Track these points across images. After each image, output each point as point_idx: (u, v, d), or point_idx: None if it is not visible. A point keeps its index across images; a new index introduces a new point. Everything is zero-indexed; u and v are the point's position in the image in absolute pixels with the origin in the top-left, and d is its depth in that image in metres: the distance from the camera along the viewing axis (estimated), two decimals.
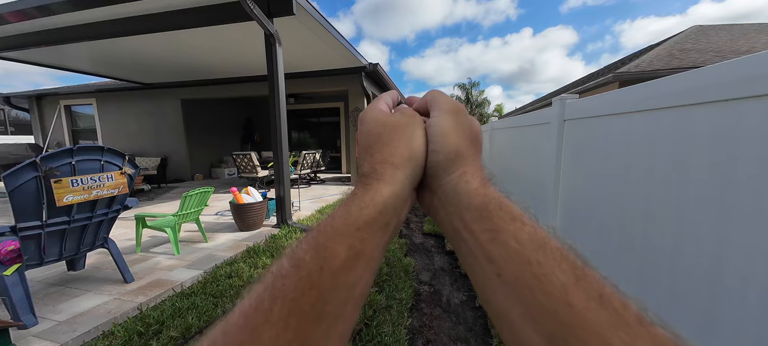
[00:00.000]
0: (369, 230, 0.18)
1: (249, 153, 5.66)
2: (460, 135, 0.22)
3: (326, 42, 4.56)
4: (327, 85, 6.80)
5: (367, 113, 0.25)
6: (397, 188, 0.20)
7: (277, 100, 3.27)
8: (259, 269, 2.36)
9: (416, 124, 0.24)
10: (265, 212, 3.48)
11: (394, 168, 0.21)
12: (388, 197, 0.20)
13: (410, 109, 0.26)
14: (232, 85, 7.24)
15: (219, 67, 6.03)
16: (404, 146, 0.22)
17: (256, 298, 0.15)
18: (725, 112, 0.81)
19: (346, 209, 0.19)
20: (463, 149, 0.22)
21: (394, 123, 0.24)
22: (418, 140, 0.23)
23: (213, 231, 3.39)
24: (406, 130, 0.23)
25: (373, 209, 0.19)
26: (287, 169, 3.45)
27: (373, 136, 0.24)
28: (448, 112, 0.23)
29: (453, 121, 0.23)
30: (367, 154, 0.23)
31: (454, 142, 0.22)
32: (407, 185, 0.21)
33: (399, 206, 0.21)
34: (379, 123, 0.24)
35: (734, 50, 7.10)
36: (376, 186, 0.20)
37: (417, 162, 0.22)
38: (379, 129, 0.24)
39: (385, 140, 0.23)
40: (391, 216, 0.20)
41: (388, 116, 0.25)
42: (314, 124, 10.88)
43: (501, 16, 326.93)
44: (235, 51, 5.02)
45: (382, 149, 0.22)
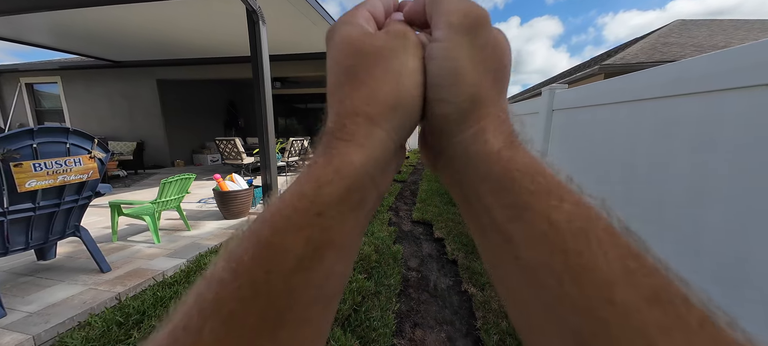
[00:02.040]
0: (334, 213, 0.13)
1: (233, 139, 5.45)
2: (480, 70, 0.15)
3: (314, 21, 4.36)
4: (315, 70, 6.57)
5: (337, 30, 0.17)
6: (373, 152, 0.14)
7: (262, 84, 3.13)
8: None
9: (408, 49, 0.16)
10: (251, 200, 3.40)
11: (371, 122, 0.14)
12: (360, 166, 0.14)
13: (401, 25, 0.17)
14: (214, 65, 6.86)
15: (199, 45, 5.67)
16: (388, 87, 0.15)
17: (184, 313, 0.11)
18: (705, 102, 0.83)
19: (299, 187, 0.13)
20: (482, 93, 0.15)
21: (373, 49, 0.15)
22: (411, 78, 0.15)
23: (196, 219, 3.28)
24: (393, 61, 0.15)
25: (340, 184, 0.13)
26: (274, 156, 3.35)
27: (342, 70, 0.16)
28: (462, 31, 0.15)
29: (469, 46, 0.15)
30: (335, 100, 0.16)
31: (472, 83, 0.15)
32: (390, 145, 0.15)
33: (377, 175, 0.15)
34: (353, 49, 0.16)
35: (713, 45, 7.40)
36: (343, 150, 0.14)
37: (407, 111, 0.15)
38: (351, 59, 0.15)
39: (360, 77, 0.15)
40: (366, 190, 0.14)
41: (367, 37, 0.16)
42: (302, 110, 10.59)
43: (489, 3, 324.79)
44: (216, 28, 4.72)
45: (355, 92, 0.15)
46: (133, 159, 6.62)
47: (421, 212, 3.56)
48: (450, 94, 0.15)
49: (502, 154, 0.14)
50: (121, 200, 2.74)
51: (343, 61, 0.16)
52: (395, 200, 4.41)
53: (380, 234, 2.86)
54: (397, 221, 3.47)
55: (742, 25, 8.98)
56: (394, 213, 3.75)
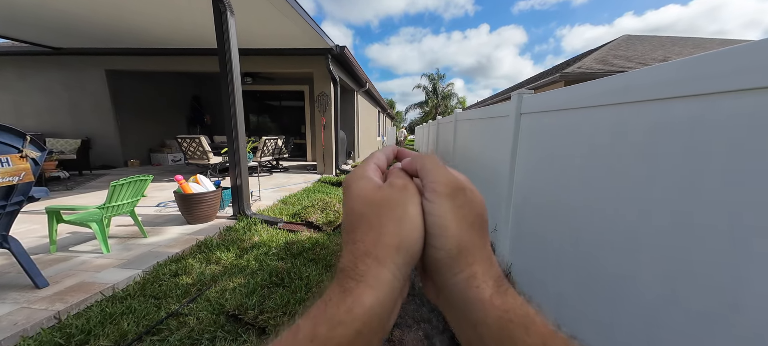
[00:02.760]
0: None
1: (198, 137, 5.05)
2: (462, 225, 0.18)
3: (287, 16, 4.20)
4: (289, 66, 6.34)
5: (351, 183, 0.20)
6: (382, 293, 0.16)
7: (231, 79, 2.94)
8: (212, 265, 2.16)
9: (408, 199, 0.19)
10: (218, 203, 3.17)
11: (379, 264, 0.17)
12: (370, 308, 0.15)
13: (403, 176, 0.21)
14: (176, 57, 6.31)
15: (158, 34, 5.18)
16: (392, 232, 0.18)
17: None
18: (636, 111, 0.94)
19: (313, 327, 0.15)
20: (467, 243, 0.18)
21: (380, 200, 0.19)
22: (411, 223, 0.18)
23: (155, 225, 2.99)
24: (396, 209, 0.18)
25: (350, 326, 0.15)
26: (244, 156, 3.16)
27: (356, 216, 0.19)
28: (444, 196, 0.19)
29: (451, 206, 0.18)
30: (349, 240, 0.18)
31: (455, 235, 0.18)
32: (396, 286, 0.17)
33: (385, 317, 0.17)
34: (364, 199, 0.19)
35: (654, 59, 8.39)
36: (356, 290, 0.16)
37: (409, 252, 0.18)
38: (363, 207, 0.19)
39: (370, 223, 0.18)
40: (374, 332, 0.16)
41: (376, 190, 0.20)
42: (276, 108, 10.15)
43: (460, 11, 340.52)
44: (178, 16, 4.35)
45: (366, 236, 0.18)
46: (78, 159, 5.86)
47: None
48: (440, 243, 0.18)
49: (495, 301, 0.17)
50: (61, 205, 2.40)
51: (358, 209, 0.19)
52: None
53: None
54: None
55: (678, 41, 10.32)
56: None
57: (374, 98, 12.24)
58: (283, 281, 1.90)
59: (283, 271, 1.99)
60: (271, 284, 1.88)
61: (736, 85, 0.68)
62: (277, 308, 1.62)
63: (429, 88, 32.50)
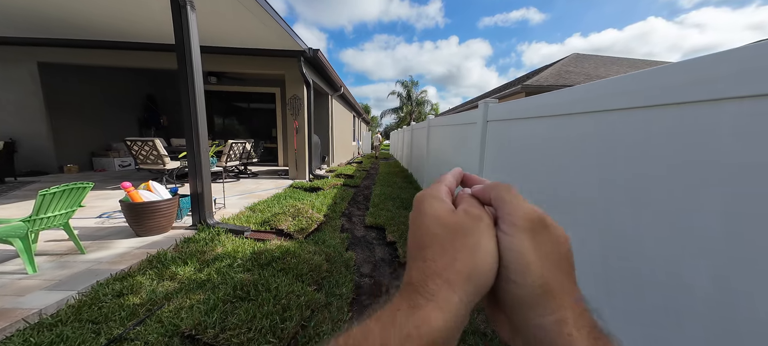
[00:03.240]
0: None
1: (152, 140, 4.59)
2: (545, 264, 0.17)
3: (257, 15, 4.03)
4: (259, 67, 6.06)
5: (424, 201, 0.21)
6: (450, 317, 0.16)
7: (191, 78, 2.72)
8: (166, 282, 1.95)
9: (483, 230, 0.18)
10: (175, 212, 2.89)
11: (450, 288, 0.17)
12: (439, 330, 0.16)
13: (476, 205, 0.20)
14: (128, 51, 5.71)
15: (104, 25, 4.65)
16: (465, 259, 0.17)
17: None
18: (582, 121, 1.05)
19: (384, 333, 0.15)
20: (552, 284, 0.17)
21: (455, 225, 0.19)
22: (485, 254, 0.18)
23: (96, 239, 2.64)
24: (469, 238, 0.18)
25: (417, 343, 0.15)
26: (206, 161, 2.94)
27: (429, 236, 0.19)
28: (524, 230, 0.18)
29: (532, 242, 0.17)
30: (419, 257, 0.18)
31: (538, 273, 0.17)
32: (462, 311, 0.17)
33: (450, 341, 0.16)
34: (439, 221, 0.19)
35: (598, 75, 9.48)
36: (425, 309, 0.16)
37: (479, 283, 0.17)
38: (437, 229, 0.19)
39: (442, 246, 0.18)
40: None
41: (450, 214, 0.20)
42: (244, 110, 9.64)
43: (431, 22, 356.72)
44: (130, 7, 3.95)
45: (438, 257, 0.18)
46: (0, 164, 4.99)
47: (374, 216, 3.57)
48: (521, 279, 0.17)
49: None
50: None
51: (432, 229, 0.19)
52: (348, 205, 4.34)
53: (332, 241, 2.76)
54: (350, 227, 3.40)
55: (616, 61, 11.78)
56: (347, 219, 3.67)
57: (349, 103, 12.18)
58: (249, 295, 1.77)
59: (249, 283, 1.86)
60: (235, 298, 1.74)
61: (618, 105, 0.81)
62: (242, 325, 1.50)
63: (403, 94, 33.22)
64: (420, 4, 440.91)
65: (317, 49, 5.72)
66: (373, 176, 7.53)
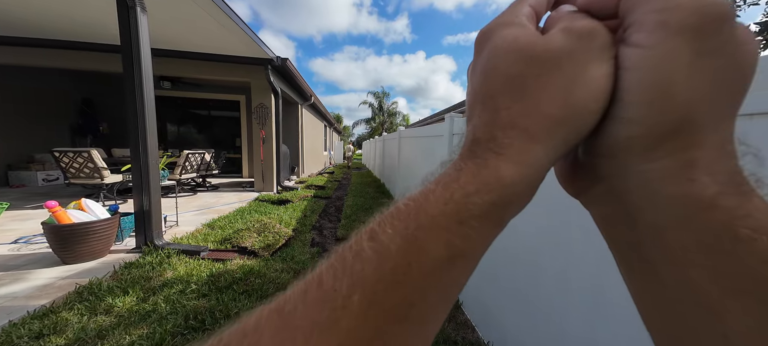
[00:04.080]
0: (475, 224, 0.12)
1: (86, 150, 4.01)
2: (701, 87, 0.11)
3: (217, 19, 3.82)
4: (222, 73, 5.71)
5: (496, 32, 0.14)
6: (527, 171, 0.12)
7: (139, 82, 2.46)
8: (100, 316, 1.67)
9: (594, 53, 0.12)
10: (114, 233, 2.53)
11: (529, 138, 0.12)
12: (511, 183, 0.12)
13: (587, 20, 0.13)
14: (59, 50, 5.00)
15: (29, 20, 4.03)
16: (556, 99, 0.12)
17: (331, 275, 0.12)
18: None
19: (447, 191, 0.12)
20: (698, 117, 0.11)
21: (545, 53, 0.13)
22: (590, 88, 0.12)
23: (9, 269, 2.19)
24: (569, 67, 0.12)
25: (486, 197, 0.12)
26: (155, 173, 2.64)
27: (506, 79, 0.13)
28: (687, 31, 0.11)
29: (692, 56, 0.11)
30: (487, 107, 0.14)
31: (681, 103, 0.11)
32: (546, 164, 0.13)
33: (525, 196, 0.13)
34: (523, 55, 0.13)
35: None
36: (493, 163, 0.12)
37: (576, 128, 0.13)
38: (519, 66, 0.13)
39: (523, 86, 0.13)
40: (511, 209, 0.13)
41: (537, 39, 0.13)
42: (204, 117, 8.97)
43: (399, 37, 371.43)
44: (65, 4, 3.48)
45: (517, 103, 0.13)
46: None
47: (347, 228, 3.49)
48: (645, 116, 0.11)
49: (721, 201, 0.10)
50: None
51: (508, 68, 0.13)
52: (319, 217, 4.19)
53: (301, 257, 2.63)
54: (322, 240, 3.28)
55: None
56: (318, 232, 3.54)
57: (320, 112, 11.98)
58: (204, 324, 1.60)
59: (204, 311, 1.68)
60: (186, 329, 1.55)
61: None
62: None
63: (375, 105, 33.69)
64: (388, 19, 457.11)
65: (286, 59, 5.58)
66: (346, 187, 7.42)
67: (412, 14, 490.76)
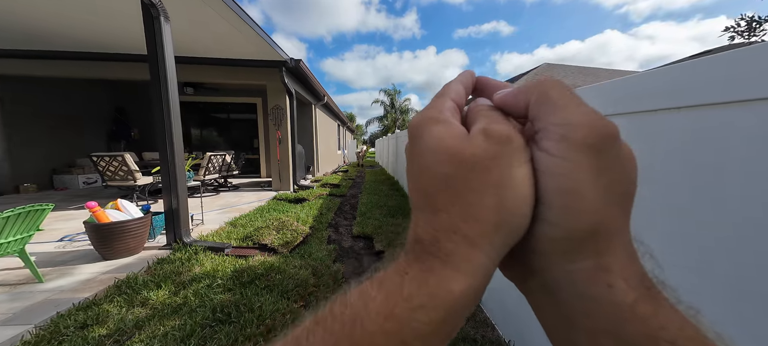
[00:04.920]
0: (427, 342, 0.12)
1: (121, 154, 4.31)
2: (603, 196, 0.12)
3: (235, 26, 3.96)
4: (239, 77, 5.93)
5: (423, 128, 0.15)
6: (474, 280, 0.12)
7: (165, 89, 2.61)
8: (137, 308, 1.81)
9: (514, 158, 0.13)
10: (147, 231, 2.71)
11: (470, 245, 0.13)
12: (460, 297, 0.12)
13: (501, 120, 0.14)
14: (94, 62, 5.39)
15: (68, 35, 4.38)
16: (489, 205, 0.13)
17: None
18: None
19: (389, 302, 0.12)
20: (606, 223, 0.12)
21: (471, 158, 0.13)
22: (518, 192, 0.13)
23: (56, 265, 2.41)
24: (494, 172, 0.13)
25: (433, 315, 0.12)
26: (182, 175, 2.80)
27: (436, 179, 0.14)
28: (584, 147, 0.12)
29: (592, 167, 0.12)
30: (426, 206, 0.14)
31: (592, 209, 0.12)
32: (491, 269, 0.13)
33: (471, 306, 0.13)
34: (448, 156, 0.14)
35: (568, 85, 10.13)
36: (440, 272, 0.12)
37: (512, 230, 0.13)
38: (446, 167, 0.13)
39: (457, 189, 0.13)
40: (457, 323, 0.13)
41: (462, 142, 0.14)
42: (224, 121, 9.34)
43: (408, 33, 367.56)
44: (97, 15, 3.75)
45: (452, 206, 0.13)
46: None
47: (362, 226, 3.53)
48: (563, 219, 0.12)
49: (640, 310, 0.11)
50: None
51: (437, 168, 0.14)
52: (334, 215, 4.27)
53: (319, 254, 2.69)
54: (337, 238, 3.34)
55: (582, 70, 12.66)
56: (334, 230, 3.61)
57: (333, 112, 12.14)
58: (229, 317, 1.68)
59: (230, 304, 1.76)
60: (214, 321, 1.64)
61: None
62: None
63: (387, 102, 33.62)
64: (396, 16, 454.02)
65: (299, 60, 5.69)
66: (360, 185, 7.49)
67: (420, 9, 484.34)
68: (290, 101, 6.08)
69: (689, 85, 0.67)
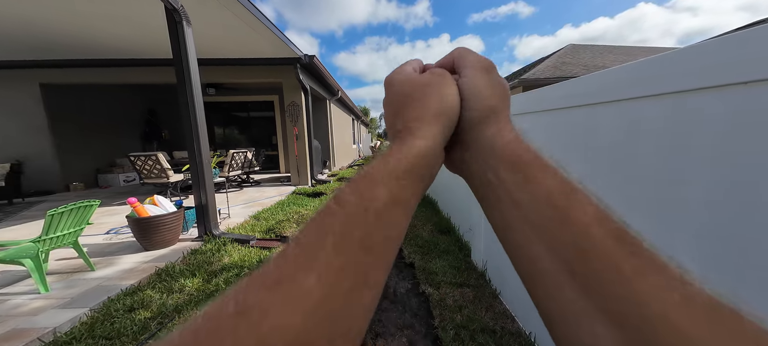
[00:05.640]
0: (406, 178, 0.19)
1: (155, 154, 4.64)
2: (493, 92, 0.23)
3: (251, 26, 4.07)
4: (257, 76, 6.11)
5: (395, 75, 0.26)
6: (430, 142, 0.21)
7: (190, 91, 2.76)
8: (175, 294, 1.97)
9: (447, 81, 0.23)
10: (180, 225, 2.93)
11: (427, 123, 0.22)
12: (422, 149, 0.20)
13: (439, 69, 0.25)
14: (127, 68, 5.79)
15: (105, 43, 4.72)
16: (436, 103, 0.22)
17: (308, 233, 0.16)
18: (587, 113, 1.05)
19: (384, 160, 0.20)
20: (497, 106, 0.23)
21: (424, 81, 0.24)
22: (451, 97, 0.23)
23: (105, 255, 2.67)
24: (438, 87, 0.23)
25: (411, 159, 0.20)
26: (209, 172, 2.97)
27: (404, 96, 0.24)
28: (481, 70, 0.23)
29: (486, 79, 0.23)
30: (399, 114, 0.24)
31: (488, 99, 0.23)
32: (440, 140, 0.22)
33: (432, 160, 0.21)
34: (409, 82, 0.24)
35: (595, 66, 9.41)
36: (410, 141, 0.21)
37: (449, 118, 0.22)
38: (409, 88, 0.24)
39: (417, 98, 0.23)
40: (426, 168, 0.21)
41: (418, 76, 0.25)
42: (244, 119, 9.71)
43: (420, 22, 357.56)
44: (128, 24, 4.01)
45: (414, 107, 0.23)
46: (6, 185, 5.08)
47: None
48: (476, 105, 0.23)
49: (513, 145, 0.21)
50: None
51: (404, 89, 0.24)
52: None
53: None
54: None
55: (613, 49, 11.71)
56: None
57: (347, 106, 12.22)
58: None
59: None
60: None
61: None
62: None
63: None
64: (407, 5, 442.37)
65: (313, 56, 5.76)
66: None
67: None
68: (305, 97, 6.20)
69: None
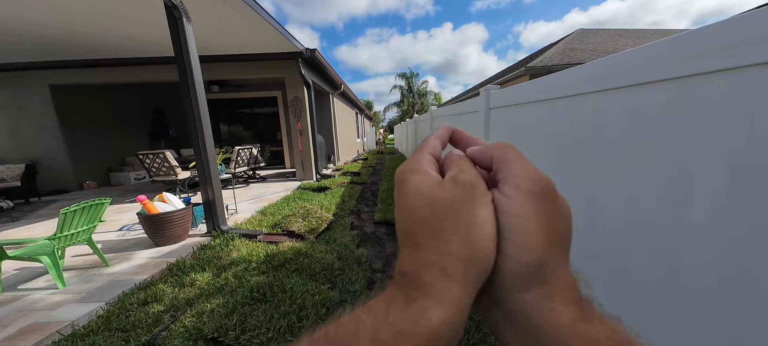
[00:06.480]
0: None
1: (163, 152, 4.71)
2: (546, 235, 0.15)
3: (250, 20, 4.04)
4: (259, 72, 6.11)
5: (405, 178, 0.18)
6: (450, 312, 0.14)
7: (193, 88, 2.78)
8: (186, 288, 2.03)
9: (477, 199, 0.16)
10: (189, 221, 2.98)
11: (447, 278, 0.15)
12: (437, 326, 0.14)
13: (468, 168, 0.17)
14: (133, 67, 5.84)
15: (110, 43, 4.76)
16: (460, 242, 0.15)
17: None
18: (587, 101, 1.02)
19: (375, 325, 0.14)
20: (548, 258, 0.15)
21: (443, 201, 0.16)
22: (483, 230, 0.15)
23: (118, 251, 2.75)
24: (462, 213, 0.16)
25: (414, 340, 0.13)
26: (215, 169, 3.00)
27: (416, 219, 0.16)
28: (530, 196, 0.15)
29: (537, 210, 0.15)
30: (409, 243, 0.17)
31: (537, 246, 0.15)
32: (467, 303, 0.15)
33: (452, 337, 0.15)
34: (424, 199, 0.16)
35: (605, 50, 9.11)
36: (421, 302, 0.14)
37: (481, 266, 0.15)
38: (423, 209, 0.16)
39: (433, 228, 0.16)
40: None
41: (436, 188, 0.17)
42: (248, 115, 9.75)
43: (421, 11, 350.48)
44: (129, 23, 4.03)
45: (429, 242, 0.15)
46: (22, 185, 5.24)
47: (383, 212, 3.59)
48: (515, 251, 0.15)
49: (578, 328, 0.14)
50: (5, 239, 2.14)
51: (417, 210, 0.17)
52: (356, 202, 4.37)
53: (343, 240, 2.79)
54: (360, 224, 3.43)
55: (624, 33, 11.30)
56: (356, 216, 3.71)
57: (350, 100, 12.16)
58: (265, 296, 1.83)
59: (264, 285, 1.91)
60: (252, 300, 1.80)
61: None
62: (260, 325, 1.56)
63: (404, 87, 32.90)
64: None
65: (314, 49, 5.71)
66: (380, 172, 7.54)
67: None
68: (308, 92, 6.18)
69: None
